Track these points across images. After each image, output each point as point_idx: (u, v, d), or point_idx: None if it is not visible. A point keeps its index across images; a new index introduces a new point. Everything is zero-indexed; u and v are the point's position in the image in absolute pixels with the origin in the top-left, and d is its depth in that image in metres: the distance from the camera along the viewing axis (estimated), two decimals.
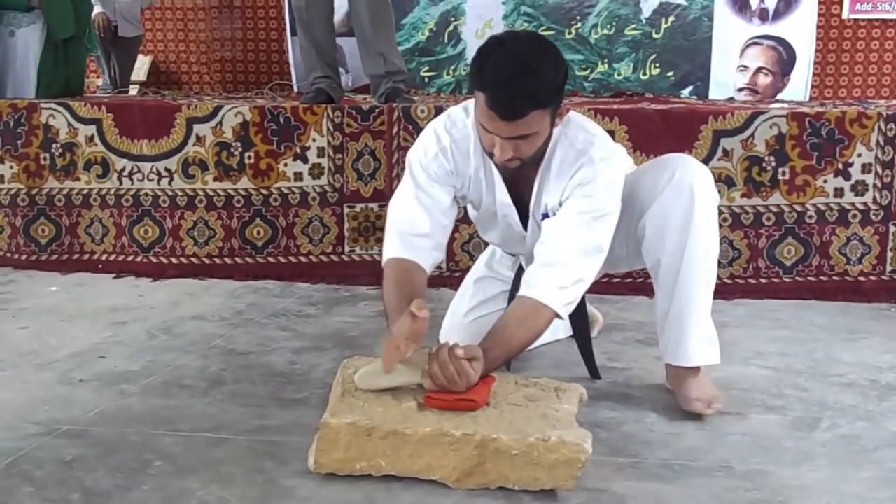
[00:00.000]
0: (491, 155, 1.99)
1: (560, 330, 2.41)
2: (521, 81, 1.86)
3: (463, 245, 3.35)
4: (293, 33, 5.54)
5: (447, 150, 2.13)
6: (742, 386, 2.29)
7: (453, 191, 2.17)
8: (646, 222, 2.10)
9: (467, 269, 2.67)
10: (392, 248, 2.15)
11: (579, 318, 2.27)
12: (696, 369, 2.13)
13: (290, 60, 5.91)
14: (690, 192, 2.04)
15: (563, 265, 1.98)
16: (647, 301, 3.07)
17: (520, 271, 2.39)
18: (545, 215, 2.10)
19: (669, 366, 2.17)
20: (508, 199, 2.15)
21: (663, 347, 2.16)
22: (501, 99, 1.87)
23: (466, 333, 2.27)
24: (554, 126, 1.99)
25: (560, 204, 2.06)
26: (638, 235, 2.13)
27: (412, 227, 2.12)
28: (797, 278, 3.23)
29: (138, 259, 3.53)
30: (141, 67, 6.45)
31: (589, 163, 2.02)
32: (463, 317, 2.43)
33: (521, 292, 2.01)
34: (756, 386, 2.30)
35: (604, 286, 3.16)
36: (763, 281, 3.23)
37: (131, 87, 5.61)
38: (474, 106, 1.98)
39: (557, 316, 1.98)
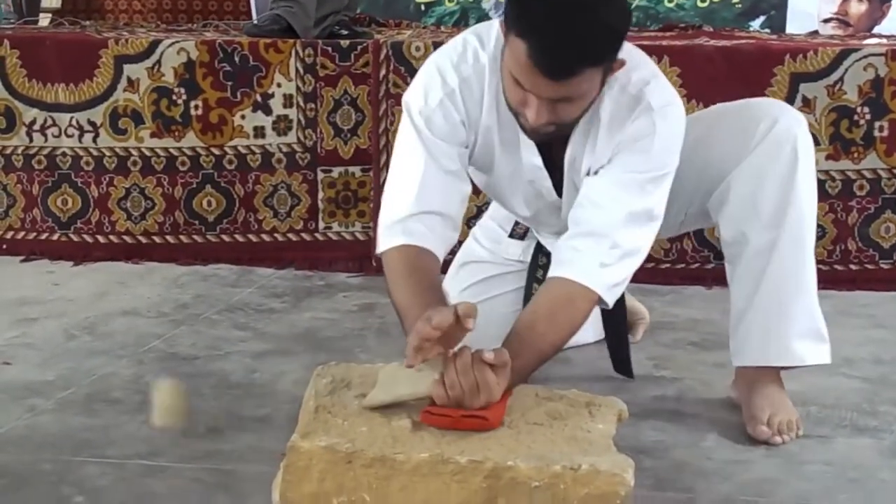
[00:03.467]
0: (517, 115, 1.96)
1: (588, 331, 2.41)
2: (580, 31, 1.82)
3: (468, 222, 3.34)
4: None
5: (455, 95, 2.06)
6: (826, 401, 2.30)
7: (466, 152, 2.13)
8: (730, 185, 2.10)
9: None
10: (393, 232, 2.03)
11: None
12: (778, 380, 2.14)
13: None
14: (794, 148, 2.05)
15: (606, 235, 1.97)
16: (702, 292, 3.08)
17: (537, 254, 2.39)
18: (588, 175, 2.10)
19: (745, 370, 2.18)
20: (539, 160, 2.11)
21: (741, 344, 2.16)
22: (551, 52, 1.81)
23: None
24: (604, 85, 1.96)
25: (609, 162, 2.05)
26: (713, 202, 2.14)
27: (419, 202, 2.02)
28: None
29: (54, 237, 3.54)
30: None
31: (646, 111, 2.01)
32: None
33: (551, 273, 2.00)
34: (843, 402, 2.31)
35: (648, 273, 3.15)
36: (853, 267, 3.24)
37: (42, 15, 5.59)
38: (504, 50, 1.92)
39: (601, 303, 1.98)
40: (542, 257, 2.38)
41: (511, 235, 2.49)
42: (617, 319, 2.34)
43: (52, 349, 2.61)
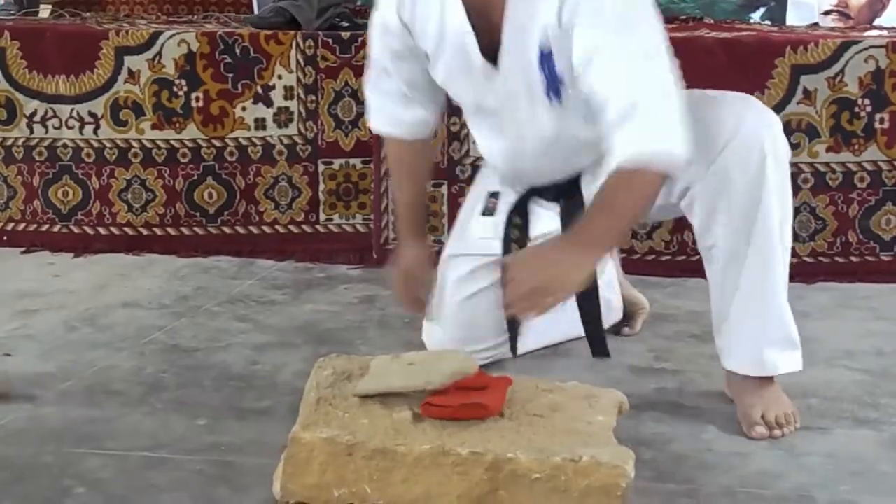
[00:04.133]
0: None
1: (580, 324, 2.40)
2: None
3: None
4: None
5: (404, 6, 2.17)
6: (826, 394, 2.30)
7: (424, 64, 2.23)
8: (699, 190, 2.06)
9: None
10: (378, 116, 2.42)
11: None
12: (770, 379, 2.14)
13: None
14: (761, 150, 2.01)
15: (630, 105, 1.85)
16: (704, 285, 3.05)
17: (511, 218, 2.33)
18: (544, 55, 2.01)
19: (732, 373, 2.17)
20: (466, 24, 2.06)
21: (724, 349, 2.17)
22: None
23: (455, 321, 2.35)
24: None
25: (559, 25, 1.96)
26: (685, 205, 2.11)
27: (391, 90, 2.33)
28: None
29: (55, 229, 3.53)
30: None
31: None
32: (449, 297, 2.39)
33: (610, 167, 1.88)
34: (844, 394, 2.31)
35: (649, 265, 3.16)
36: (854, 260, 3.23)
37: (42, 6, 5.58)
38: None
39: (672, 157, 1.87)
40: (515, 217, 2.33)
41: (483, 213, 2.43)
42: (591, 300, 2.28)
43: (53, 341, 2.61)
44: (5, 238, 3.55)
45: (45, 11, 4.94)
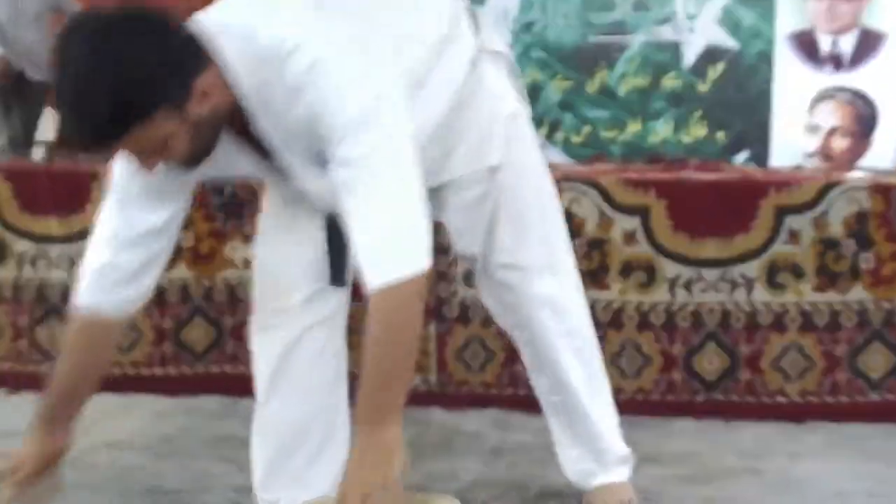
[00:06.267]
0: None
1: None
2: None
3: (457, 353, 3.34)
4: None
5: None
6: None
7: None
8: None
9: (463, 382, 2.65)
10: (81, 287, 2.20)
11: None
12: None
13: None
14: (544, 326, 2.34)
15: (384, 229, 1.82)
16: (693, 425, 3.07)
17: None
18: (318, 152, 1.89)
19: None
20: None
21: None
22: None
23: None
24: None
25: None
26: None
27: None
28: (888, 396, 3.22)
29: (41, 369, 3.51)
30: (50, 123, 6.51)
31: (301, 88, 1.78)
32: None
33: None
34: None
35: (636, 405, 3.15)
36: (843, 399, 3.22)
37: (36, 146, 5.66)
38: None
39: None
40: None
41: None
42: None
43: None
44: None
45: (38, 151, 5.03)
